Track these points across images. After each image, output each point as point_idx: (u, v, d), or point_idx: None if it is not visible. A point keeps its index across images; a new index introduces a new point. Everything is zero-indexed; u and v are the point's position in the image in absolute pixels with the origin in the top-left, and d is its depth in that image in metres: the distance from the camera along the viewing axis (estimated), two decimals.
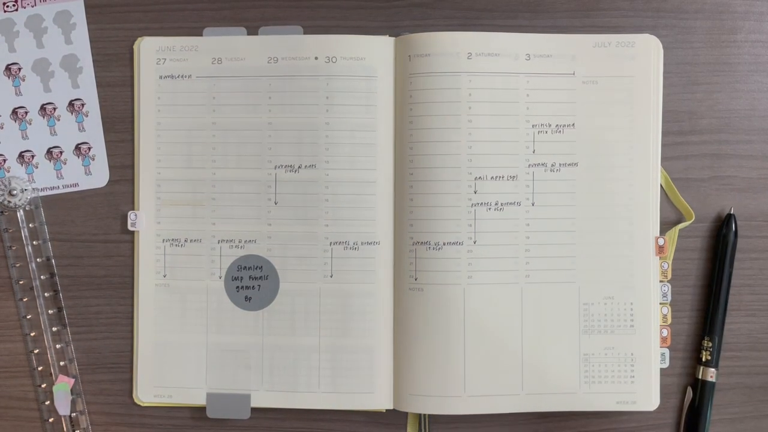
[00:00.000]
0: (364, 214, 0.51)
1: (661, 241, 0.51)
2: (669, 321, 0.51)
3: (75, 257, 0.53)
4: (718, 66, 0.52)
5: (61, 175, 0.53)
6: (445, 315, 0.50)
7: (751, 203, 0.52)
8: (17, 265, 0.53)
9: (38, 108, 0.53)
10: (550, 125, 0.51)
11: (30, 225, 0.53)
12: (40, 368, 0.53)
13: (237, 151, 0.52)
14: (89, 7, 0.53)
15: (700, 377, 0.52)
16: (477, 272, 0.50)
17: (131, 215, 0.52)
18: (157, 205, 0.52)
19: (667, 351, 0.51)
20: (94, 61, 0.53)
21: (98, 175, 0.53)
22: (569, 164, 0.51)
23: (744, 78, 0.52)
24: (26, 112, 0.53)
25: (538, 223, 0.51)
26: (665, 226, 0.52)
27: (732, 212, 0.52)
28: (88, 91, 0.53)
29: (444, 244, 0.50)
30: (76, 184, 0.53)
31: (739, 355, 0.52)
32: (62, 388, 0.52)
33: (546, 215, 0.51)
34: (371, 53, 0.51)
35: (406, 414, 0.52)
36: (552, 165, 0.51)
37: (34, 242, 0.52)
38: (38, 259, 0.53)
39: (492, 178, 0.50)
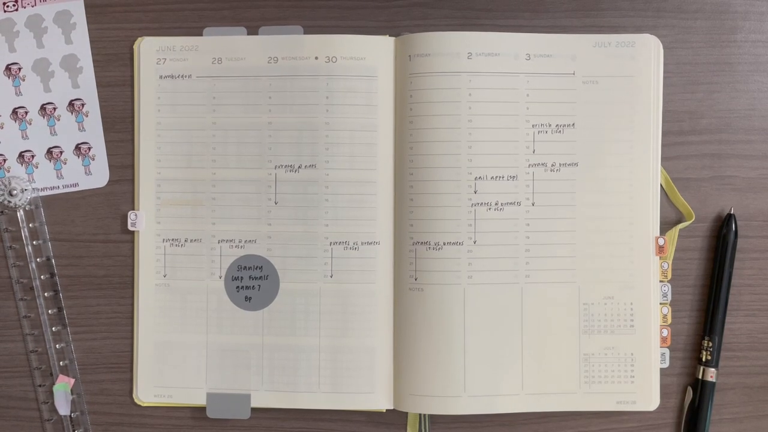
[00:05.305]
0: (364, 214, 0.51)
1: (661, 241, 0.51)
2: (669, 321, 0.51)
3: (75, 257, 0.53)
4: (718, 66, 0.52)
5: (61, 175, 0.53)
6: (445, 315, 0.50)
7: (751, 203, 0.52)
8: (17, 264, 0.53)
9: (38, 108, 0.53)
10: (550, 125, 0.51)
11: (30, 225, 0.53)
12: (40, 368, 0.53)
13: (237, 151, 0.52)
14: (89, 7, 0.53)
15: (700, 377, 0.52)
16: (477, 272, 0.50)
17: (131, 215, 0.52)
18: (157, 205, 0.52)
19: (667, 351, 0.51)
20: (94, 61, 0.53)
21: (98, 175, 0.53)
22: (569, 164, 0.51)
23: (744, 78, 0.52)
24: (26, 112, 0.53)
25: (538, 223, 0.51)
26: (665, 226, 0.52)
27: (732, 212, 0.52)
28: (88, 91, 0.53)
29: (444, 244, 0.50)
30: (76, 184, 0.53)
31: (739, 355, 0.52)
32: (62, 388, 0.52)
33: (546, 215, 0.51)
34: (371, 53, 0.51)
35: (406, 414, 0.52)
36: (552, 165, 0.51)
37: (34, 242, 0.52)
38: (38, 259, 0.53)
39: (492, 178, 0.50)
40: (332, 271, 0.51)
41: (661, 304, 0.51)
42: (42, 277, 0.53)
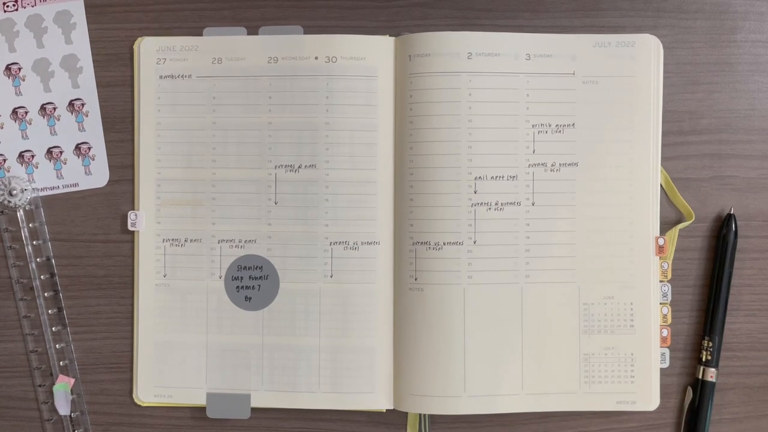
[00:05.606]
0: (364, 214, 0.51)
1: (661, 241, 0.51)
2: (669, 321, 0.51)
3: (75, 257, 0.53)
4: (718, 66, 0.52)
5: (61, 175, 0.53)
6: (445, 315, 0.50)
7: (751, 203, 0.52)
8: (17, 264, 0.53)
9: (38, 108, 0.53)
10: (550, 125, 0.51)
11: (30, 225, 0.53)
12: (40, 368, 0.53)
13: (237, 151, 0.52)
14: (89, 7, 0.53)
15: (700, 377, 0.52)
16: (477, 272, 0.50)
17: (131, 215, 0.52)
18: (157, 205, 0.52)
19: (667, 351, 0.51)
20: (94, 61, 0.53)
21: (98, 175, 0.53)
22: (569, 164, 0.51)
23: (744, 78, 0.52)
24: (26, 112, 0.53)
25: (538, 223, 0.51)
26: (665, 226, 0.52)
27: (732, 212, 0.52)
28: (88, 91, 0.53)
29: (444, 244, 0.50)
30: (76, 184, 0.53)
31: (739, 355, 0.52)
32: (62, 388, 0.52)
33: (546, 215, 0.51)
34: (371, 53, 0.51)
35: (406, 414, 0.52)
36: (552, 165, 0.51)
37: (34, 242, 0.52)
38: (38, 259, 0.53)
39: (492, 178, 0.50)
40: (332, 271, 0.51)
41: (661, 304, 0.51)
42: (42, 277, 0.53)
